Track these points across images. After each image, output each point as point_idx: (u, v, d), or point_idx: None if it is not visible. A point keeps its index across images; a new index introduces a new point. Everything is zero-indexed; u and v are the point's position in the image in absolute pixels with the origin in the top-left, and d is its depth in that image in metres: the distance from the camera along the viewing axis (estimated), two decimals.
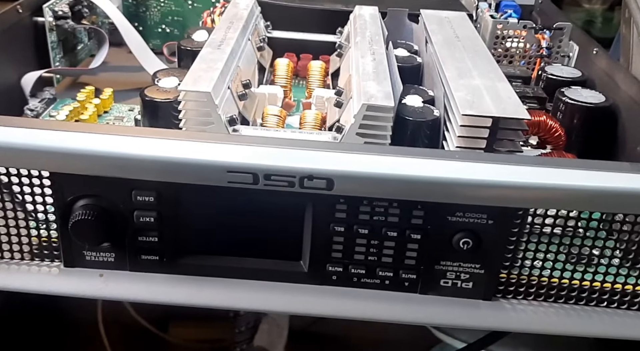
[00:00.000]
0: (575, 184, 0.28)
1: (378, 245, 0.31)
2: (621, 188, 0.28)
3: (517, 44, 0.59)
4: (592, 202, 0.29)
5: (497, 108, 0.36)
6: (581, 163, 0.30)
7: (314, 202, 0.30)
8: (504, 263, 0.32)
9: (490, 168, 0.28)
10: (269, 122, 0.41)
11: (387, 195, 0.29)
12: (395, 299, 0.32)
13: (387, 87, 0.38)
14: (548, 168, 0.28)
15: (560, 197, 0.29)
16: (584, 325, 0.33)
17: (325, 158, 0.28)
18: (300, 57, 0.56)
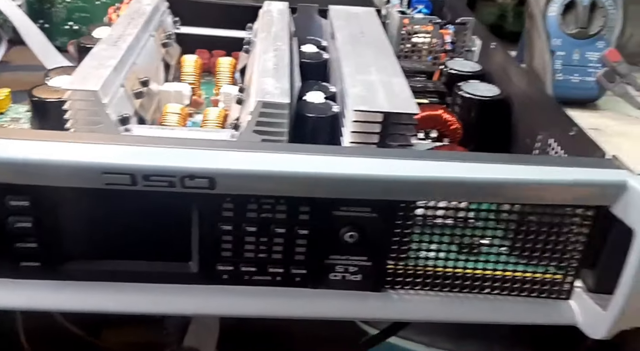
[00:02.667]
0: (450, 176, 0.28)
1: (267, 243, 0.30)
2: (494, 179, 0.28)
3: (423, 39, 0.59)
4: (469, 192, 0.29)
5: (388, 104, 0.36)
6: (459, 155, 0.30)
7: (199, 202, 0.29)
8: (391, 254, 0.31)
9: (369, 163, 0.28)
10: (169, 120, 0.40)
11: (270, 192, 0.28)
12: (287, 295, 0.31)
13: (285, 84, 0.37)
14: (424, 162, 0.28)
15: (437, 189, 0.28)
16: (471, 311, 0.33)
17: (206, 157, 0.27)
18: (213, 54, 0.54)
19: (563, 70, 0.57)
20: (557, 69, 0.57)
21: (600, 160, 0.31)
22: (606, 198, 0.29)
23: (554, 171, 0.28)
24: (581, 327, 0.32)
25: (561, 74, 0.57)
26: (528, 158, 0.30)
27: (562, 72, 0.57)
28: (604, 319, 0.30)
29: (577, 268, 0.32)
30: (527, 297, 0.33)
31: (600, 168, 0.29)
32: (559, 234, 0.31)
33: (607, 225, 0.30)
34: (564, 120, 0.36)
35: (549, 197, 0.29)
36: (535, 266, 0.32)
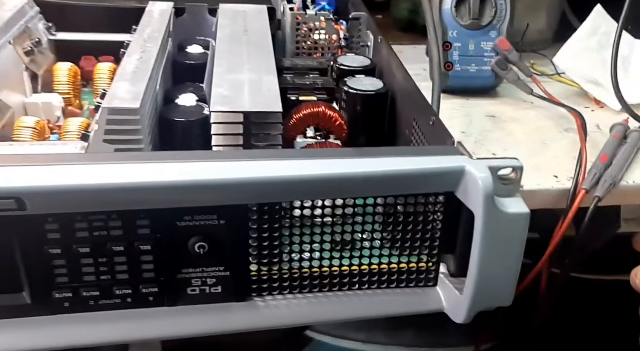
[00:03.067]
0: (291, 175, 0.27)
1: (107, 263, 0.28)
2: (344, 174, 0.27)
3: (319, 36, 0.58)
4: (319, 190, 0.28)
5: (250, 103, 0.34)
6: (307, 153, 0.29)
7: (16, 225, 0.26)
8: (251, 261, 0.30)
9: (202, 167, 0.26)
10: (21, 135, 0.36)
11: (94, 207, 0.26)
12: (142, 316, 0.29)
13: (140, 88, 0.35)
14: (265, 162, 0.27)
15: (284, 189, 0.27)
16: (344, 309, 0.32)
17: (10, 175, 0.24)
18: (100, 60, 0.51)
19: (460, 60, 0.57)
20: (455, 60, 0.57)
21: (446, 147, 0.30)
22: (450, 184, 0.28)
23: (401, 161, 0.27)
24: (447, 312, 0.31)
25: (459, 65, 0.57)
26: (378, 151, 0.28)
27: (460, 63, 0.57)
28: (462, 303, 0.29)
29: (438, 255, 0.31)
30: (397, 288, 0.32)
31: (445, 155, 0.28)
32: (419, 222, 0.30)
33: (458, 209, 0.29)
34: (426, 110, 0.35)
35: (400, 187, 0.28)
36: (402, 256, 0.32)
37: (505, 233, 0.27)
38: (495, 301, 0.29)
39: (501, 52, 0.55)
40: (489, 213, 0.26)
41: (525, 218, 0.27)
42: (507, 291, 0.29)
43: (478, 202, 0.26)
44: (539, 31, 0.69)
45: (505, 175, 0.27)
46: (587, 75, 0.54)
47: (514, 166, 0.27)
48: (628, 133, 0.43)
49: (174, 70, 0.46)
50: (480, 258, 0.27)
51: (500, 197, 0.27)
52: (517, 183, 0.28)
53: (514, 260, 0.28)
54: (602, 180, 0.39)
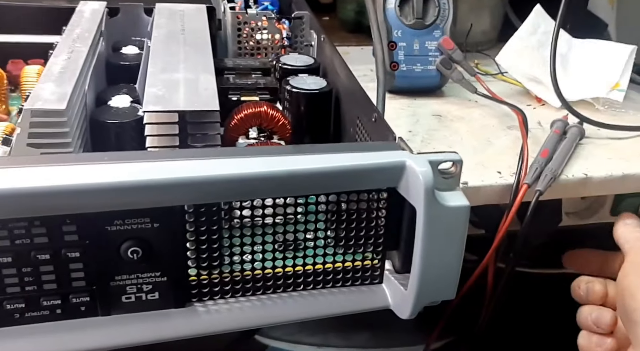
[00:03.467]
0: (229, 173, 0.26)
1: (32, 272, 0.26)
2: (282, 172, 0.26)
3: (261, 36, 0.57)
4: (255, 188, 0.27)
5: (186, 102, 0.33)
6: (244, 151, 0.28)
7: None
8: (190, 265, 0.29)
9: (132, 169, 0.25)
10: None
11: (10, 214, 0.24)
12: (72, 327, 0.28)
13: (67, 89, 0.33)
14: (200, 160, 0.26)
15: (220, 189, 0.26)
16: (290, 311, 0.31)
17: None
18: (29, 63, 0.49)
19: (406, 60, 0.58)
20: (400, 60, 0.57)
21: (387, 143, 0.30)
22: (392, 179, 0.28)
23: (342, 158, 0.27)
24: (393, 309, 0.31)
25: (404, 65, 0.57)
26: (313, 148, 0.28)
27: (405, 63, 0.57)
28: (407, 298, 0.29)
29: (383, 252, 0.31)
30: (343, 287, 0.32)
31: (386, 151, 0.28)
32: (362, 220, 0.30)
33: (400, 205, 0.29)
34: (368, 107, 0.35)
35: (342, 184, 0.28)
36: (348, 254, 0.31)
37: (446, 226, 0.27)
38: (439, 295, 0.29)
39: (445, 51, 0.56)
40: (430, 207, 0.26)
41: (466, 211, 0.27)
42: (451, 285, 0.29)
43: (419, 196, 0.26)
44: (483, 32, 0.71)
45: (445, 169, 0.27)
46: (528, 73, 0.55)
47: (453, 160, 0.27)
48: (567, 129, 0.45)
49: (108, 72, 0.45)
50: (423, 253, 0.27)
51: (441, 190, 0.27)
52: (458, 177, 0.28)
53: (456, 253, 0.28)
54: (543, 174, 0.40)
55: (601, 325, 0.40)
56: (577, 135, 0.44)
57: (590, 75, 0.54)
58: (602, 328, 0.40)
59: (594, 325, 0.41)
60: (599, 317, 0.40)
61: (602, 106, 0.52)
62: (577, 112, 0.46)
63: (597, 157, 0.44)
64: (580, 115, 0.46)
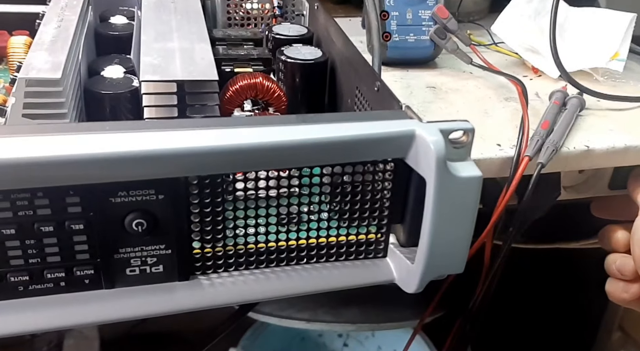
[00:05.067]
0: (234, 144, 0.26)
1: (36, 244, 0.26)
2: (288, 142, 0.27)
3: (251, 5, 0.57)
4: (263, 159, 0.27)
5: (183, 72, 0.33)
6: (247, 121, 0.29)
7: None
8: (194, 237, 0.29)
9: (135, 138, 0.25)
10: None
11: (12, 185, 0.24)
12: (77, 300, 0.28)
13: (60, 57, 0.33)
14: (205, 131, 0.26)
15: (226, 159, 0.26)
16: (293, 284, 0.31)
17: None
18: (14, 34, 0.48)
19: (398, 30, 0.58)
20: (393, 30, 0.57)
21: (394, 112, 0.30)
22: (400, 149, 0.28)
23: (348, 127, 0.27)
24: (398, 283, 0.32)
25: (397, 35, 0.58)
26: (318, 118, 0.28)
27: (398, 33, 0.58)
28: (414, 272, 0.30)
29: (388, 224, 0.31)
30: (347, 261, 0.32)
31: (393, 120, 0.28)
32: (367, 192, 0.30)
33: (407, 177, 0.29)
34: (370, 76, 0.35)
35: (345, 155, 0.28)
36: (351, 228, 0.32)
37: (458, 198, 0.27)
38: (447, 269, 0.30)
39: (440, 20, 0.56)
40: (442, 178, 0.26)
41: (479, 181, 0.27)
42: (460, 259, 0.30)
43: (430, 166, 0.26)
44: (475, 1, 0.71)
45: (456, 139, 0.28)
46: (524, 43, 0.56)
47: (465, 128, 0.27)
48: (567, 100, 0.45)
49: (97, 43, 0.44)
50: (432, 226, 0.27)
51: (452, 161, 0.27)
52: (469, 147, 0.28)
53: (466, 225, 0.28)
54: (545, 146, 0.40)
55: (625, 272, 0.42)
56: (577, 106, 0.45)
57: (589, 44, 0.54)
58: (625, 275, 0.42)
59: (618, 273, 0.43)
60: (622, 265, 0.42)
61: (601, 76, 0.53)
62: (577, 82, 0.47)
63: (598, 129, 0.44)
64: (581, 85, 0.47)
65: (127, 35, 0.44)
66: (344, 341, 0.97)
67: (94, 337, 0.86)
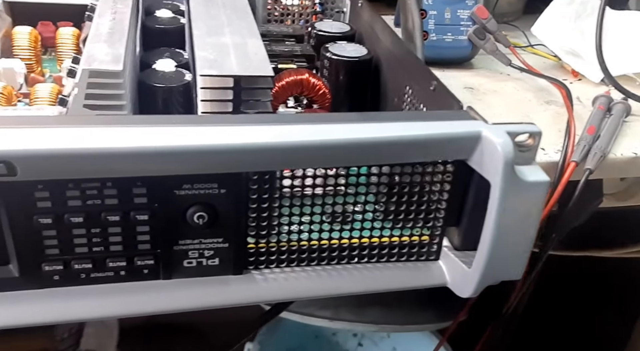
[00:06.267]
0: (300, 140, 0.26)
1: (101, 233, 0.27)
2: (348, 140, 0.26)
3: (291, 2, 0.57)
4: (325, 157, 0.27)
5: (240, 67, 0.34)
6: (309, 117, 0.29)
7: (3, 192, 0.25)
8: (250, 232, 0.29)
9: (206, 132, 0.25)
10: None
11: (88, 174, 0.25)
12: (135, 290, 0.28)
13: (120, 49, 0.33)
14: (271, 126, 0.26)
15: (289, 156, 0.26)
16: (343, 284, 0.31)
17: (0, 137, 0.23)
18: (58, 26, 0.49)
19: (436, 30, 0.57)
20: (431, 29, 0.57)
21: (455, 112, 0.30)
22: (463, 151, 0.28)
23: (409, 127, 0.27)
24: (451, 287, 0.31)
25: (434, 34, 0.57)
26: (380, 116, 0.28)
27: (435, 32, 0.58)
28: (470, 277, 0.29)
29: (443, 227, 0.31)
30: (398, 262, 0.32)
31: (456, 120, 0.28)
32: (422, 193, 0.30)
33: (467, 179, 0.29)
34: (424, 75, 0.35)
35: (406, 155, 0.28)
36: (403, 229, 0.32)
37: (523, 203, 0.27)
38: (505, 275, 0.29)
39: (479, 21, 0.56)
40: (508, 181, 0.26)
41: (546, 186, 0.27)
42: (519, 265, 0.29)
43: (496, 170, 0.26)
44: (509, 2, 0.71)
45: (522, 142, 0.27)
46: (565, 46, 0.56)
47: (531, 131, 0.27)
48: (612, 105, 0.45)
49: (144, 36, 0.45)
50: (494, 230, 0.27)
51: (518, 164, 0.27)
52: (535, 150, 0.27)
53: (530, 231, 0.28)
54: (592, 152, 0.40)
55: None
56: (623, 112, 0.44)
57: (631, 48, 0.54)
58: None
59: None
60: None
61: None
62: (623, 87, 0.47)
63: None
64: (626, 90, 0.46)
65: (173, 28, 0.44)
66: (358, 341, 0.97)
67: (113, 326, 0.87)
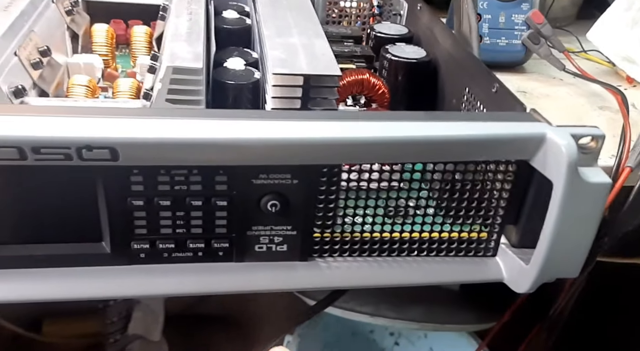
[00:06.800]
0: (372, 136, 0.27)
1: (184, 216, 0.29)
2: (417, 137, 0.28)
3: (350, 4, 0.59)
4: (392, 153, 0.28)
5: (309, 66, 0.35)
6: (380, 115, 0.30)
7: (104, 175, 0.27)
8: (316, 222, 0.31)
9: (286, 126, 0.27)
10: (75, 93, 0.37)
11: (181, 162, 0.27)
12: (211, 270, 0.30)
13: (199, 48, 0.36)
14: (344, 123, 0.27)
15: (359, 150, 0.28)
16: (400, 275, 0.33)
17: (105, 126, 0.25)
18: (129, 24, 0.52)
19: (490, 33, 0.58)
20: (484, 33, 0.58)
21: (519, 114, 0.31)
22: (526, 151, 0.29)
23: (474, 126, 0.28)
24: (507, 283, 0.32)
25: (488, 38, 0.58)
26: (447, 115, 0.29)
27: (489, 36, 0.58)
28: (527, 273, 0.30)
29: (501, 225, 0.32)
30: (455, 257, 0.33)
31: (520, 121, 0.29)
32: (483, 191, 0.31)
33: (528, 179, 0.30)
34: (485, 77, 0.36)
35: (470, 154, 0.29)
36: (462, 225, 0.33)
37: (585, 203, 0.28)
38: (562, 272, 0.30)
39: (534, 25, 0.56)
40: (571, 182, 0.27)
41: (607, 188, 0.28)
42: (577, 263, 0.30)
43: (560, 170, 0.27)
44: (563, 7, 0.71)
45: (584, 144, 0.28)
46: (621, 52, 0.55)
47: (594, 134, 0.28)
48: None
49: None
50: (555, 229, 0.28)
51: (581, 166, 0.27)
52: (597, 153, 0.28)
53: (589, 231, 0.29)
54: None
55: None
56: None
57: None
58: None
59: None
60: None
61: None
62: None
63: None
64: None
65: (239, 29, 0.46)
66: (395, 340, 0.96)
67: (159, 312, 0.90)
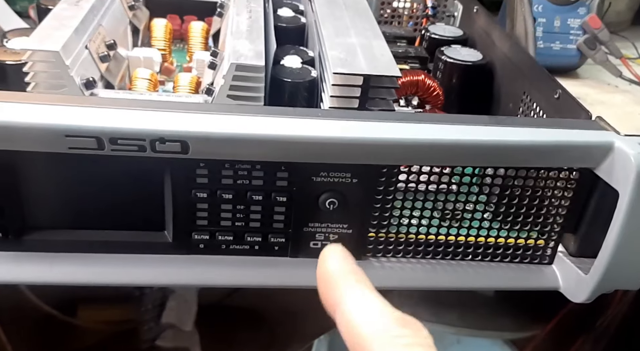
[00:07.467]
0: (432, 138, 0.27)
1: (244, 210, 0.29)
2: (478, 141, 0.28)
3: (403, 4, 0.58)
4: (452, 156, 0.28)
5: (369, 66, 0.35)
6: (441, 117, 0.30)
7: (172, 167, 0.28)
8: (372, 222, 0.31)
9: (348, 125, 0.27)
10: (138, 86, 0.38)
11: (246, 157, 0.27)
12: (266, 264, 0.31)
13: (260, 46, 0.36)
14: (405, 124, 0.27)
15: (419, 152, 0.28)
16: (453, 278, 0.32)
17: (178, 120, 0.26)
18: (184, 19, 0.53)
19: (544, 37, 0.57)
20: (538, 36, 0.57)
21: (584, 121, 0.30)
22: (592, 160, 0.28)
23: (540, 133, 0.28)
24: (563, 292, 0.32)
25: (542, 41, 0.57)
26: (512, 120, 0.29)
27: (543, 40, 0.57)
28: (586, 283, 0.30)
29: (560, 233, 0.32)
30: (511, 263, 0.33)
31: (586, 129, 0.28)
32: (543, 198, 0.31)
33: (591, 187, 0.30)
34: (547, 82, 0.36)
35: (533, 160, 0.28)
36: (519, 232, 0.32)
37: None
38: (622, 284, 0.30)
39: (591, 30, 0.55)
40: (639, 192, 0.26)
41: None
42: (637, 276, 0.29)
43: (628, 180, 0.26)
44: (618, 12, 0.69)
45: None
46: None
47: None
48: None
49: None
50: (618, 239, 0.27)
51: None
52: None
53: None
54: None
55: None
56: None
57: None
58: None
59: None
60: None
61: None
62: None
63: None
64: None
65: (295, 27, 0.47)
66: None
67: (193, 302, 0.91)
